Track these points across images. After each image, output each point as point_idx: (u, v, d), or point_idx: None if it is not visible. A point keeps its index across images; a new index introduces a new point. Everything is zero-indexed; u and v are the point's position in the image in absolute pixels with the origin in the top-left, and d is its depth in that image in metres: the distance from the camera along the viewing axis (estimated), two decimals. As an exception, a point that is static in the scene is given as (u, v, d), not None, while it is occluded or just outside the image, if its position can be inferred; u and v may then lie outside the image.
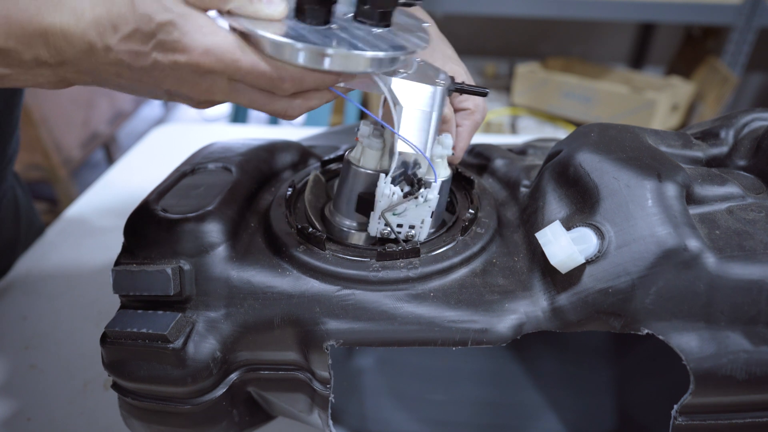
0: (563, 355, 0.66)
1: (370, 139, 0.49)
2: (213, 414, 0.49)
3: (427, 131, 0.45)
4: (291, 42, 0.37)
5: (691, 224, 0.41)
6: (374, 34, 0.42)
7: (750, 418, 0.41)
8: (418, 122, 0.45)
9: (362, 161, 0.49)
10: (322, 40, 0.38)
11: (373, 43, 0.40)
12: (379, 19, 0.43)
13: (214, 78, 0.38)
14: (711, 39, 2.36)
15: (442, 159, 0.50)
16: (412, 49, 0.42)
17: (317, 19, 0.40)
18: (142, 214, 0.52)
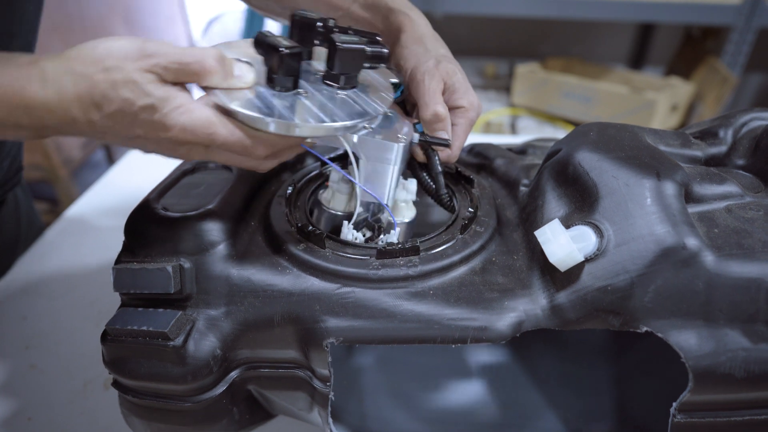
0: (562, 353, 0.66)
1: (339, 184, 0.53)
2: (213, 412, 0.49)
3: (387, 182, 0.50)
4: (262, 117, 0.41)
5: (689, 223, 0.41)
6: (339, 99, 0.46)
7: (748, 416, 0.41)
8: (379, 174, 0.49)
9: (332, 203, 0.53)
10: (289, 111, 0.42)
11: (334, 112, 0.44)
12: (344, 83, 0.47)
13: (191, 146, 0.42)
14: (710, 39, 2.36)
15: (407, 203, 0.54)
16: (372, 116, 0.46)
17: (285, 87, 0.44)
18: (142, 212, 0.52)
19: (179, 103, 0.40)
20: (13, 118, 0.39)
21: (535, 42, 2.72)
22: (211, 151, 0.44)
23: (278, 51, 0.42)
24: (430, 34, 0.59)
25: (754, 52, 2.10)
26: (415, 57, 0.56)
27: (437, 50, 0.57)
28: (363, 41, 0.46)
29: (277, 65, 0.42)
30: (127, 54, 0.39)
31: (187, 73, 0.40)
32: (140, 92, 0.38)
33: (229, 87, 0.42)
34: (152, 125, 0.40)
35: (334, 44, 0.45)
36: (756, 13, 1.96)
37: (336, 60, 0.45)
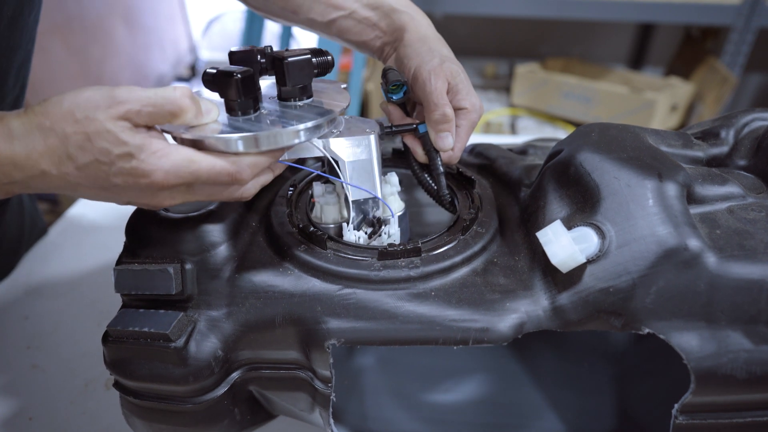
0: (564, 354, 0.66)
1: (325, 197, 0.54)
2: (214, 413, 0.49)
3: (371, 175, 0.51)
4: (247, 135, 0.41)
5: (691, 224, 0.41)
6: (300, 108, 0.47)
7: (750, 417, 0.41)
8: (361, 170, 0.50)
9: (324, 218, 0.54)
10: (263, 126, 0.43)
11: (302, 117, 0.45)
12: (300, 94, 0.48)
13: (173, 189, 0.41)
14: (710, 39, 2.36)
15: (393, 195, 0.55)
16: (340, 109, 0.47)
17: (247, 111, 0.44)
18: (143, 213, 0.52)
19: (156, 147, 0.39)
20: None
21: (535, 42, 2.73)
22: (194, 190, 0.43)
23: (233, 76, 0.42)
24: (432, 34, 0.59)
25: (753, 53, 2.10)
26: (419, 56, 0.56)
27: (440, 50, 0.57)
28: (305, 51, 0.47)
29: (236, 90, 0.43)
30: (97, 104, 0.38)
31: (161, 114, 0.39)
32: (115, 141, 0.38)
33: (199, 123, 0.42)
34: (131, 173, 0.39)
35: (282, 60, 0.46)
36: (756, 13, 1.96)
37: (287, 74, 0.46)
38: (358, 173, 0.51)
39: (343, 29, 0.63)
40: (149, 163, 0.39)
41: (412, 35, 0.58)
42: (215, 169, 0.41)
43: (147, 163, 0.39)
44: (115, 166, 0.38)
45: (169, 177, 0.40)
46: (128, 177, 0.39)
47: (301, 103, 0.48)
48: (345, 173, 0.50)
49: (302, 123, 0.43)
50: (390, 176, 0.56)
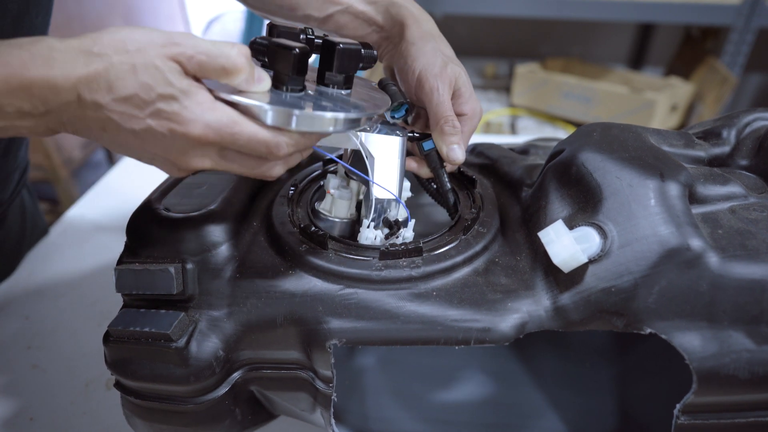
0: (565, 354, 0.66)
1: (340, 190, 0.54)
2: (216, 413, 0.49)
3: (397, 176, 0.51)
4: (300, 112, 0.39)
5: (693, 224, 0.41)
6: (345, 96, 0.46)
7: (753, 418, 0.41)
8: (388, 170, 0.50)
9: (333, 212, 0.53)
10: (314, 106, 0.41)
11: (350, 104, 0.44)
12: (343, 83, 0.47)
13: (206, 149, 0.39)
14: (710, 39, 2.35)
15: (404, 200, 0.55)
16: (385, 107, 0.47)
17: (296, 88, 0.43)
18: (144, 213, 0.52)
19: (202, 99, 0.37)
20: (14, 104, 0.35)
21: (535, 42, 2.72)
22: (226, 156, 0.41)
23: (291, 50, 0.40)
24: (434, 30, 0.58)
25: (753, 53, 2.10)
26: (424, 56, 0.54)
27: (443, 49, 0.56)
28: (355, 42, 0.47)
29: (291, 65, 0.41)
30: (152, 40, 0.36)
31: (213, 67, 0.37)
32: (161, 79, 0.36)
33: (249, 90, 0.39)
34: (169, 117, 0.37)
35: (334, 45, 0.45)
36: (755, 14, 1.96)
37: (336, 60, 0.45)
38: (384, 173, 0.50)
39: (340, 24, 0.61)
40: (191, 111, 0.37)
41: (414, 32, 0.56)
42: (257, 137, 0.39)
43: (189, 110, 0.37)
44: (154, 105, 0.36)
45: (208, 132, 0.37)
46: (165, 121, 0.37)
47: (344, 92, 0.47)
48: (373, 171, 0.50)
49: (355, 112, 0.42)
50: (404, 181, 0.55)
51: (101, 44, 0.36)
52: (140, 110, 0.36)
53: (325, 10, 0.60)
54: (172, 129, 0.37)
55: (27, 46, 0.35)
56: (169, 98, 0.36)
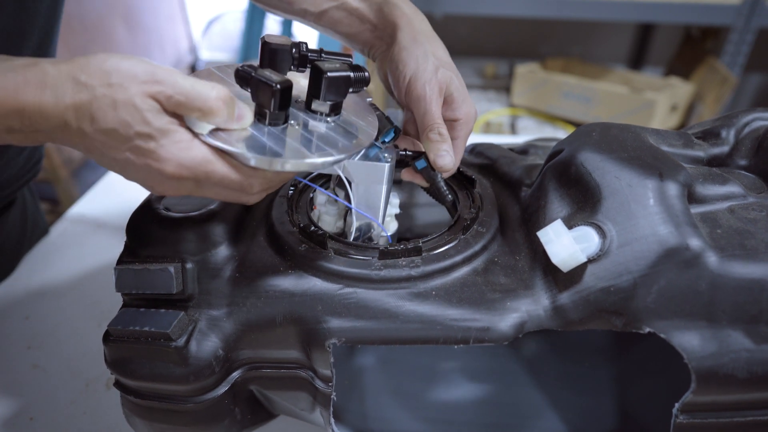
0: (564, 354, 0.66)
1: (326, 206, 0.54)
2: (215, 412, 0.49)
3: (379, 201, 0.51)
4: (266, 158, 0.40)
5: (692, 223, 0.41)
6: (330, 128, 0.46)
7: (751, 417, 0.41)
8: (372, 195, 0.50)
9: (320, 225, 0.54)
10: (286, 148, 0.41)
11: (330, 142, 0.44)
12: (330, 111, 0.46)
13: (181, 181, 0.41)
14: (710, 39, 2.36)
15: (391, 217, 0.56)
16: (363, 145, 0.46)
17: (277, 122, 0.43)
18: (144, 212, 0.52)
19: (178, 138, 0.39)
20: (5, 123, 0.38)
21: (535, 42, 2.73)
22: (201, 187, 0.42)
23: (272, 87, 0.40)
24: (427, 31, 0.57)
25: (753, 53, 2.10)
26: (414, 62, 0.53)
27: (435, 51, 0.55)
28: (345, 67, 0.46)
29: (271, 102, 0.41)
30: (135, 75, 0.38)
31: (190, 108, 0.39)
32: (139, 118, 0.37)
33: (229, 128, 0.41)
34: (145, 153, 0.39)
35: (321, 73, 0.44)
36: (755, 14, 1.96)
37: (323, 89, 0.45)
38: (367, 197, 0.50)
39: (334, 20, 0.60)
40: (167, 151, 0.38)
41: (406, 34, 0.55)
42: (229, 177, 0.41)
43: (165, 149, 0.38)
44: (132, 142, 0.38)
45: (182, 170, 0.39)
46: (142, 157, 0.39)
47: (331, 120, 0.47)
48: (354, 195, 0.50)
49: (331, 155, 0.42)
50: (392, 198, 0.55)
51: (88, 73, 0.37)
52: (119, 143, 0.38)
53: (320, 5, 0.60)
54: (148, 164, 0.39)
55: (22, 71, 0.37)
56: (146, 137, 0.38)
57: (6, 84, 0.36)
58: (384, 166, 0.49)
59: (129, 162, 0.39)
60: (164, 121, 0.38)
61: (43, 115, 0.37)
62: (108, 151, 0.39)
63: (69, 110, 0.37)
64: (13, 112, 0.37)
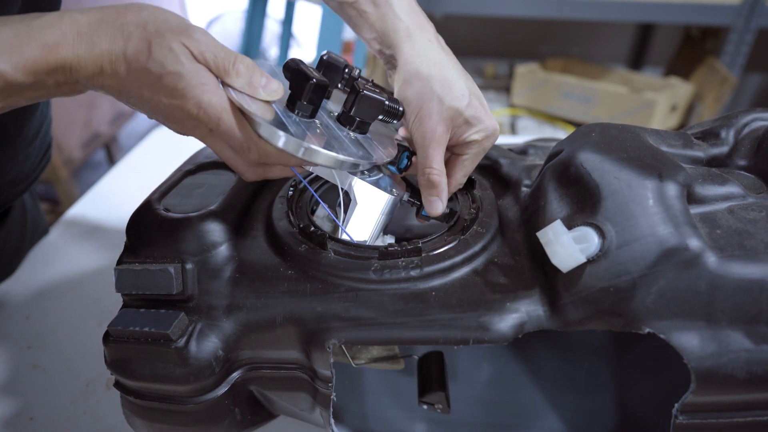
0: (564, 354, 0.66)
1: (323, 220, 0.56)
2: (215, 412, 0.49)
3: (371, 230, 0.51)
4: (275, 129, 0.42)
5: (692, 224, 0.41)
6: (350, 138, 0.48)
7: (751, 417, 0.41)
8: (366, 220, 0.51)
9: None
10: (298, 132, 0.43)
11: (341, 146, 0.45)
12: (356, 127, 0.49)
13: (198, 124, 0.44)
14: (710, 39, 2.36)
15: None
16: (373, 161, 0.47)
17: (304, 114, 0.46)
18: (144, 213, 0.52)
19: (204, 80, 0.41)
20: (54, 78, 0.40)
21: (535, 42, 2.72)
22: (212, 137, 0.45)
23: (308, 78, 0.44)
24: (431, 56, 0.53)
25: (753, 53, 2.10)
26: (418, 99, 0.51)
27: (442, 76, 0.51)
28: (383, 94, 0.48)
29: (303, 92, 0.44)
30: (171, 26, 0.41)
31: (217, 66, 0.42)
32: (173, 59, 0.40)
33: (252, 94, 0.44)
34: (172, 91, 0.41)
35: (357, 91, 0.47)
36: (755, 14, 1.96)
37: (356, 104, 0.47)
38: (362, 221, 0.51)
39: (348, 16, 0.59)
40: (192, 89, 0.41)
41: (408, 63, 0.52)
42: (232, 131, 0.43)
43: (190, 88, 0.41)
44: (163, 80, 0.41)
45: (200, 111, 0.42)
46: (169, 95, 0.41)
47: (353, 135, 0.49)
48: (350, 215, 0.51)
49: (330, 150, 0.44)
50: (388, 238, 0.56)
51: (125, 19, 0.41)
52: (152, 81, 0.41)
53: None
54: (173, 102, 0.42)
55: (56, 24, 0.40)
56: (177, 75, 0.41)
57: (47, 41, 0.39)
58: (387, 197, 0.51)
59: (156, 100, 0.42)
60: (195, 66, 0.41)
61: (81, 65, 0.40)
62: (139, 90, 0.42)
63: (104, 56, 0.40)
64: (58, 66, 0.40)
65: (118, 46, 0.40)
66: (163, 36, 0.40)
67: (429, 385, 0.55)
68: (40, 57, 0.39)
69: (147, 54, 0.40)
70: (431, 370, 0.56)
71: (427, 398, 0.54)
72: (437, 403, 0.54)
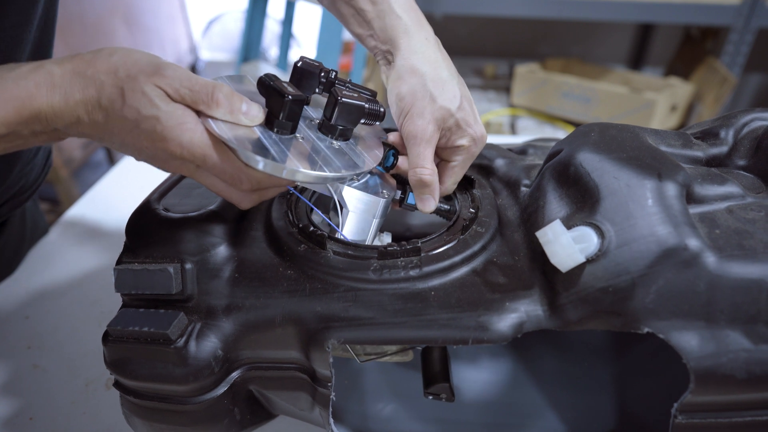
0: (563, 354, 0.66)
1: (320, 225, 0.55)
2: (214, 412, 0.50)
3: (366, 233, 0.52)
4: (254, 156, 0.42)
5: (691, 223, 0.41)
6: (332, 149, 0.48)
7: (750, 417, 0.41)
8: (361, 226, 0.51)
9: None
10: (282, 154, 0.43)
11: (326, 161, 0.46)
12: (339, 135, 0.49)
13: (183, 162, 0.44)
14: (710, 40, 2.36)
15: None
16: (360, 170, 0.48)
17: (284, 131, 0.45)
18: (143, 213, 0.52)
19: (183, 120, 0.41)
20: (29, 128, 0.41)
21: (535, 42, 2.73)
22: (201, 173, 0.45)
23: (283, 96, 0.43)
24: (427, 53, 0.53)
25: (753, 53, 2.10)
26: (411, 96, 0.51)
27: (436, 75, 0.52)
28: (363, 98, 0.48)
29: (280, 110, 0.44)
30: (142, 68, 0.40)
31: (195, 100, 0.42)
32: (148, 103, 0.40)
33: (234, 122, 0.43)
34: (152, 135, 0.41)
35: (336, 97, 0.46)
36: (755, 14, 1.96)
37: (336, 112, 0.47)
38: (356, 227, 0.51)
39: (342, 14, 0.59)
40: (170, 131, 0.41)
41: (404, 60, 0.53)
42: (221, 166, 0.43)
43: (169, 129, 0.41)
44: (141, 125, 0.41)
45: (183, 150, 0.42)
46: (150, 139, 0.41)
47: (336, 144, 0.48)
48: (343, 222, 0.51)
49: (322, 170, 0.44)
50: (385, 236, 0.56)
51: (95, 67, 0.41)
52: (130, 128, 0.41)
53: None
54: (155, 145, 0.42)
55: (31, 76, 0.40)
56: (154, 119, 0.41)
57: (20, 93, 0.39)
58: (379, 201, 0.51)
59: (138, 144, 0.42)
60: (171, 106, 0.41)
61: (57, 114, 0.40)
62: (120, 136, 0.42)
63: (79, 106, 0.40)
64: (32, 117, 0.40)
65: (92, 95, 0.40)
66: (135, 80, 0.40)
67: (433, 376, 0.55)
68: (13, 109, 0.39)
69: (121, 101, 0.40)
70: (434, 360, 0.56)
71: (432, 389, 0.54)
72: (442, 393, 0.54)
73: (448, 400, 0.55)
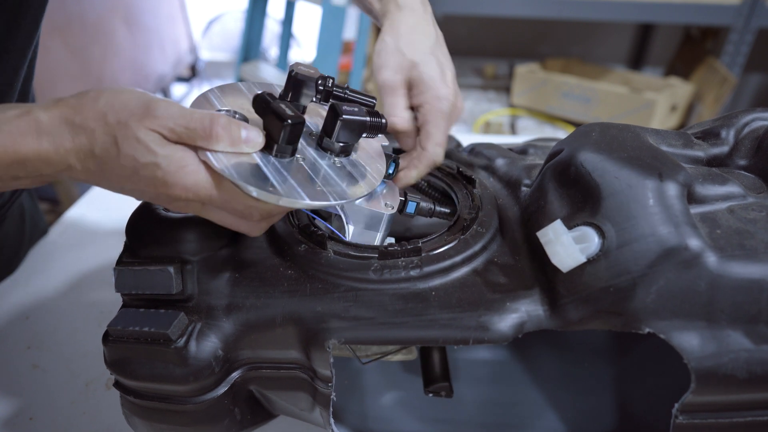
0: (564, 354, 0.66)
1: None
2: (215, 412, 0.49)
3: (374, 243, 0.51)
4: (263, 191, 0.39)
5: (692, 223, 0.41)
6: (335, 169, 0.46)
7: (751, 417, 0.41)
8: (365, 239, 0.51)
9: None
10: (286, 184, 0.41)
11: (330, 184, 0.44)
12: (340, 151, 0.47)
13: (189, 202, 0.42)
14: (710, 40, 2.36)
15: None
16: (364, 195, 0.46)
17: (284, 155, 0.43)
18: (143, 213, 0.52)
19: (183, 163, 0.39)
20: (10, 173, 0.39)
21: (535, 42, 2.73)
22: (208, 209, 0.43)
23: (283, 121, 0.40)
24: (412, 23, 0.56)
25: (753, 53, 2.10)
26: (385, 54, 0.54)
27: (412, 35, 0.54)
28: (363, 112, 0.46)
29: (280, 135, 0.41)
30: (132, 111, 0.38)
31: (192, 137, 0.39)
32: (144, 150, 0.38)
33: (236, 152, 0.41)
34: (153, 181, 0.39)
35: (337, 114, 0.45)
36: (755, 14, 1.96)
37: (337, 130, 0.45)
38: (361, 239, 0.51)
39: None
40: (172, 176, 0.39)
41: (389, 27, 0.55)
42: (229, 204, 0.41)
43: (170, 174, 0.39)
44: (138, 173, 0.39)
45: (188, 193, 0.40)
46: (149, 184, 0.40)
47: (338, 162, 0.47)
48: (348, 235, 0.50)
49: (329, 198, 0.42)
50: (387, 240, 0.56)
51: (84, 114, 0.38)
52: (128, 175, 0.39)
53: None
54: (156, 190, 0.40)
55: (16, 122, 0.38)
56: (153, 166, 0.38)
57: (3, 139, 0.37)
58: (383, 215, 0.50)
59: (138, 189, 0.41)
60: (169, 148, 0.39)
61: (44, 162, 0.39)
62: (118, 183, 0.40)
63: (71, 154, 0.38)
64: (14, 163, 0.38)
65: (83, 144, 0.38)
66: (127, 126, 0.38)
67: (433, 376, 0.55)
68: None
69: (116, 150, 0.38)
70: (434, 360, 0.56)
71: (432, 388, 0.54)
72: (442, 391, 0.55)
73: (447, 396, 0.55)
